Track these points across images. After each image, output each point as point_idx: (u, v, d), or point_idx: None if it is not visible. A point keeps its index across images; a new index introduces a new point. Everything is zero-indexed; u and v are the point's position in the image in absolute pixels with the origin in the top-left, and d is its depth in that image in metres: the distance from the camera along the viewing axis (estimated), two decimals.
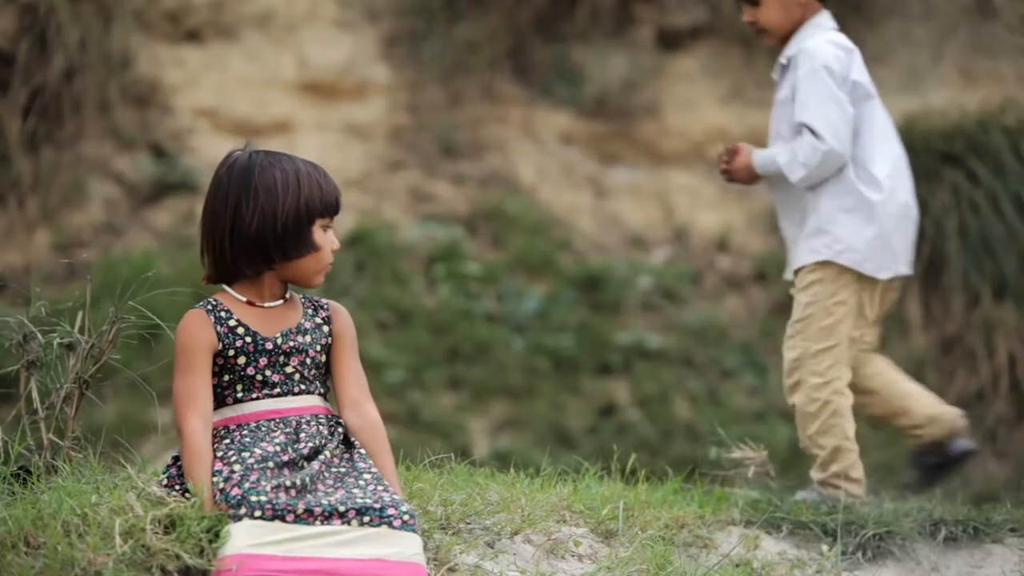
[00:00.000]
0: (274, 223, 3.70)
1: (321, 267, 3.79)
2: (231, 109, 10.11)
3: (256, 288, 3.79)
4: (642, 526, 4.27)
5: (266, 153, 3.80)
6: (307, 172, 3.77)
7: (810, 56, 4.80)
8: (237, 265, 3.75)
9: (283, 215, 3.71)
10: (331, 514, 3.50)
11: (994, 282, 9.97)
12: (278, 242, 3.72)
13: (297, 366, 3.77)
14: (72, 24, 9.62)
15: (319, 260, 3.78)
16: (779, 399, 9.51)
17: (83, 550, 3.34)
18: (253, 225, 3.70)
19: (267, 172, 3.74)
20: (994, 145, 10.18)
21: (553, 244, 10.03)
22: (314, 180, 3.76)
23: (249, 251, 3.72)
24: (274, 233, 3.71)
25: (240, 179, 3.74)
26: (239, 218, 3.71)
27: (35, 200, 9.45)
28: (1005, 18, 11.23)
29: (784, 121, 4.93)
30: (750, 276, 10.24)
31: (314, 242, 3.75)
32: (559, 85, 10.78)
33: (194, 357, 3.69)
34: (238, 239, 3.72)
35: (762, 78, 10.97)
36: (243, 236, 3.71)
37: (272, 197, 3.71)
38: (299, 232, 3.73)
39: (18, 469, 3.83)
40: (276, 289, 3.81)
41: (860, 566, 4.43)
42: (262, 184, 3.72)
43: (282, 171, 3.74)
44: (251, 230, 3.71)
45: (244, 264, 3.75)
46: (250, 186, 3.72)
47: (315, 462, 3.64)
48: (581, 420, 9.14)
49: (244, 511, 3.45)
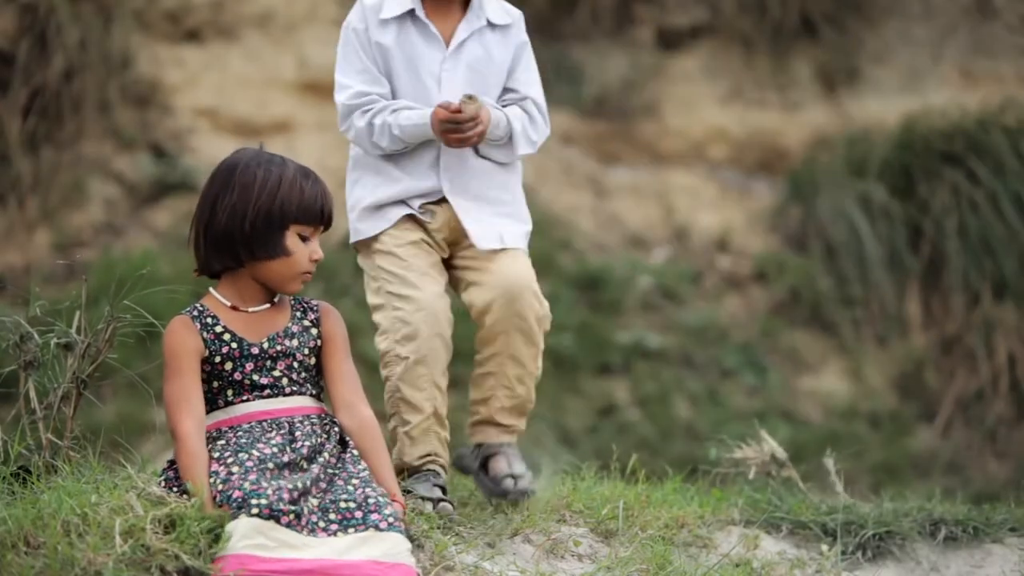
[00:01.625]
0: (243, 221, 3.70)
1: (293, 274, 3.76)
2: (231, 109, 10.11)
3: (238, 291, 3.79)
4: (642, 526, 4.27)
5: (260, 153, 3.79)
6: (293, 177, 3.75)
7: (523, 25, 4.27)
8: (209, 259, 3.77)
9: (253, 214, 3.70)
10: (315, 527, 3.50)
11: (994, 282, 9.97)
12: (245, 240, 3.71)
13: (284, 370, 3.77)
14: (72, 24, 9.62)
15: (290, 266, 3.75)
16: (779, 399, 9.52)
17: (83, 550, 3.34)
18: (223, 221, 3.71)
19: (249, 170, 3.74)
20: (994, 145, 10.18)
21: (553, 244, 10.03)
22: (297, 185, 3.75)
23: (218, 246, 3.73)
24: (241, 231, 3.71)
25: (224, 175, 3.76)
26: (213, 212, 3.73)
27: (35, 200, 9.44)
28: (1005, 18, 11.22)
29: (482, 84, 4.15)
30: (750, 276, 10.23)
31: (284, 246, 3.73)
32: (559, 85, 10.77)
33: (182, 362, 3.70)
34: (210, 233, 3.74)
35: (762, 78, 10.99)
36: (214, 231, 3.73)
37: (246, 195, 3.71)
38: (269, 234, 3.72)
39: (18, 469, 3.83)
40: (258, 293, 3.80)
41: (860, 566, 4.43)
42: (241, 182, 3.73)
43: (266, 171, 3.74)
44: (221, 225, 3.71)
45: (214, 259, 3.76)
46: (230, 182, 3.73)
47: (315, 465, 3.64)
48: (581, 420, 9.14)
49: (244, 512, 3.45)
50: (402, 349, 4.04)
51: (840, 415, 9.49)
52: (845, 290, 10.06)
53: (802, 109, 10.95)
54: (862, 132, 10.59)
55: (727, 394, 9.42)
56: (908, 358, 9.91)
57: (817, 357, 9.81)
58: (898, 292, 10.09)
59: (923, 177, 10.23)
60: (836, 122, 10.84)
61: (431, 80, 4.13)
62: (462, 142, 4.00)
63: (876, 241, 10.10)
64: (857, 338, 9.93)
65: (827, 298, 10.00)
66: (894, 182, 10.27)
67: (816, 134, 10.79)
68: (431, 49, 4.12)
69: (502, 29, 4.20)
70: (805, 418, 9.37)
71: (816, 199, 10.32)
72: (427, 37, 4.12)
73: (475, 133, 3.98)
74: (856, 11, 11.10)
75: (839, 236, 10.15)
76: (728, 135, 10.86)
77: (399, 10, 4.11)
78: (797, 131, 10.86)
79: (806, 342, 9.84)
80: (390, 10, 4.11)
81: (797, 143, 10.82)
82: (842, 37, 11.02)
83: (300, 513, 3.50)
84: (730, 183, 10.78)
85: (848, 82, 11.02)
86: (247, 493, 3.48)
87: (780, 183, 10.70)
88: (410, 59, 4.10)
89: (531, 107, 4.21)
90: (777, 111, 10.93)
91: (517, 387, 4.15)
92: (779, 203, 10.59)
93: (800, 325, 9.93)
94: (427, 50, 4.12)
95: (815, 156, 10.63)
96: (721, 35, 11.00)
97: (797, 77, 11.00)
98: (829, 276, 10.11)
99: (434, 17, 4.12)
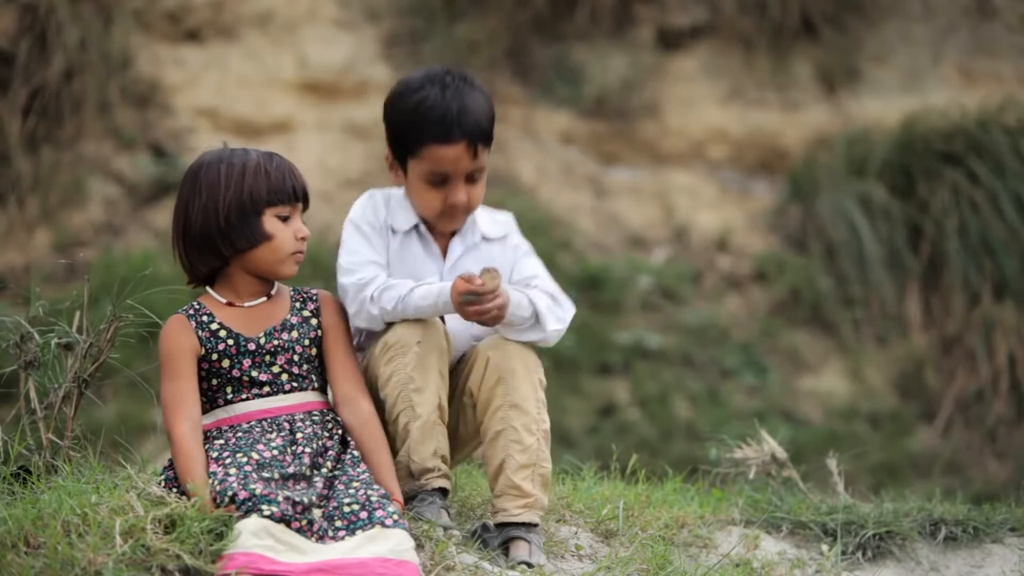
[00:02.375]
0: (216, 217, 3.71)
1: (281, 256, 3.76)
2: (231, 109, 10.11)
3: (232, 288, 3.79)
4: (642, 526, 4.27)
5: (222, 151, 3.79)
6: (257, 163, 3.75)
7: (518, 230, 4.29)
8: (194, 264, 3.77)
9: (225, 208, 3.71)
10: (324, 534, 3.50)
11: (994, 282, 9.97)
12: (224, 236, 3.72)
13: (284, 364, 3.77)
14: (72, 24, 9.62)
15: (275, 250, 3.76)
16: (779, 399, 9.52)
17: (83, 550, 3.34)
18: (198, 222, 3.72)
19: (211, 168, 3.74)
20: (994, 145, 10.18)
21: (553, 244, 10.03)
22: (262, 170, 3.74)
23: (199, 248, 3.74)
24: (218, 227, 3.71)
25: (190, 180, 3.77)
26: (187, 218, 3.73)
27: (35, 200, 9.44)
28: (1005, 18, 11.22)
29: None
30: (750, 276, 10.23)
31: (264, 231, 3.73)
32: (559, 85, 10.78)
33: (178, 363, 3.70)
34: (189, 238, 3.74)
35: (762, 78, 10.99)
36: (192, 235, 3.73)
37: (214, 192, 3.72)
38: (245, 223, 3.72)
39: (18, 469, 3.83)
40: (253, 287, 3.80)
41: (860, 566, 4.43)
42: (206, 181, 3.73)
43: (228, 165, 3.74)
44: (196, 227, 3.72)
45: (199, 262, 3.76)
46: (196, 185, 3.74)
47: (319, 478, 3.64)
48: (581, 420, 9.14)
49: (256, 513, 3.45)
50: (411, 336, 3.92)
51: (840, 415, 9.49)
52: (845, 290, 10.06)
53: (802, 109, 10.95)
54: (862, 132, 10.59)
55: (727, 394, 9.42)
56: (908, 358, 9.91)
57: (817, 357, 9.81)
58: (898, 292, 10.09)
59: (923, 177, 10.23)
60: (836, 122, 10.83)
61: None
62: (481, 315, 3.86)
63: (876, 241, 10.09)
64: (857, 338, 9.93)
65: (827, 298, 10.00)
66: (894, 182, 10.27)
67: (816, 134, 10.79)
68: (430, 263, 4.06)
69: (499, 241, 4.16)
70: (805, 418, 9.36)
71: (816, 199, 10.32)
72: (428, 251, 4.07)
73: (495, 306, 3.86)
74: (856, 11, 11.09)
75: (839, 236, 10.15)
76: (728, 135, 10.86)
77: (407, 225, 4.06)
78: (797, 131, 10.86)
79: (806, 342, 9.83)
80: (400, 223, 4.05)
81: (797, 143, 10.82)
82: (842, 37, 11.02)
83: (313, 520, 3.51)
84: (730, 183, 10.78)
85: (848, 82, 11.02)
86: (259, 497, 3.47)
87: (780, 183, 10.70)
88: (411, 271, 4.03)
89: (549, 287, 4.17)
90: (777, 111, 10.92)
91: (526, 437, 3.92)
92: (779, 203, 10.59)
93: (800, 325, 9.93)
94: (427, 263, 4.06)
95: (815, 156, 10.63)
96: (721, 35, 10.99)
97: (797, 77, 11.00)
98: (829, 276, 10.11)
99: (432, 233, 4.07)
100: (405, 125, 3.98)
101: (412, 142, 3.96)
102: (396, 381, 3.89)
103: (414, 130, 3.96)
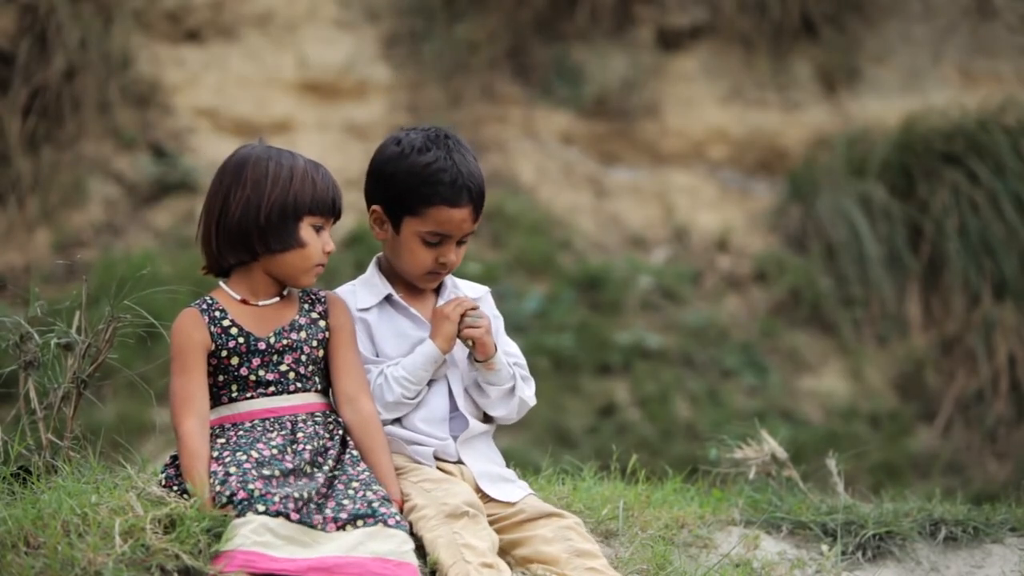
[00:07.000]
0: (257, 214, 3.71)
1: (308, 266, 3.78)
2: (231, 109, 10.11)
3: (249, 285, 3.79)
4: (642, 526, 4.27)
5: (270, 148, 3.80)
6: (304, 169, 3.78)
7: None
8: (222, 254, 3.76)
9: (267, 207, 3.71)
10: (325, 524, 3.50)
11: (994, 282, 9.98)
12: (261, 234, 3.72)
13: (292, 364, 3.77)
14: (72, 24, 9.62)
15: (305, 258, 3.77)
16: (779, 399, 9.52)
17: (83, 550, 3.34)
18: (237, 214, 3.72)
19: (261, 164, 3.75)
20: (994, 145, 10.18)
21: (553, 244, 10.03)
22: (309, 177, 3.77)
23: (232, 241, 3.73)
24: (257, 224, 3.71)
25: (234, 170, 3.76)
26: (226, 207, 3.73)
27: (35, 200, 9.45)
28: (1005, 18, 11.23)
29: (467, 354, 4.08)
30: (750, 276, 10.24)
31: (299, 238, 3.75)
32: (559, 85, 10.78)
33: (189, 357, 3.70)
34: (224, 228, 3.74)
35: (762, 78, 10.99)
36: (228, 225, 3.73)
37: (259, 188, 3.72)
38: (283, 226, 3.73)
39: (18, 469, 3.83)
40: (270, 287, 3.80)
41: (860, 566, 4.43)
42: (252, 176, 3.74)
43: (277, 164, 3.75)
44: (235, 219, 3.72)
45: (228, 254, 3.76)
46: (241, 177, 3.74)
47: (320, 474, 3.64)
48: (581, 420, 9.14)
49: (251, 511, 3.45)
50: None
51: (840, 415, 9.49)
52: (845, 290, 10.06)
53: (802, 109, 10.95)
54: (862, 132, 10.59)
55: (727, 394, 9.42)
56: (908, 358, 9.92)
57: (817, 357, 9.81)
58: (898, 292, 10.10)
59: (923, 177, 10.23)
60: (836, 122, 10.84)
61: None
62: (472, 330, 3.91)
63: (876, 241, 10.10)
64: (857, 338, 9.93)
65: (827, 298, 10.00)
66: (894, 182, 10.27)
67: (816, 134, 10.79)
68: (416, 330, 4.01)
69: (479, 300, 4.10)
70: (805, 418, 9.37)
71: (816, 199, 10.33)
72: (410, 318, 4.02)
73: (484, 326, 3.94)
74: (856, 11, 11.10)
75: (839, 236, 10.15)
76: (728, 135, 10.86)
77: (375, 299, 4.02)
78: (797, 131, 10.86)
79: (806, 342, 9.84)
80: (365, 300, 4.01)
81: (797, 143, 10.82)
82: (842, 37, 11.02)
83: (311, 514, 3.51)
84: (730, 183, 10.78)
85: (848, 82, 11.02)
86: (255, 497, 3.48)
87: (780, 183, 10.71)
88: (397, 333, 3.99)
89: (524, 368, 4.14)
90: (777, 111, 10.93)
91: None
92: (779, 203, 10.59)
93: (800, 325, 9.93)
94: (412, 330, 4.01)
95: (815, 156, 10.64)
96: (721, 35, 11.00)
97: (797, 77, 11.00)
98: (829, 276, 10.11)
99: (410, 301, 4.02)
100: (410, 185, 3.96)
101: (418, 202, 3.95)
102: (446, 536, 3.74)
103: (422, 190, 3.94)
